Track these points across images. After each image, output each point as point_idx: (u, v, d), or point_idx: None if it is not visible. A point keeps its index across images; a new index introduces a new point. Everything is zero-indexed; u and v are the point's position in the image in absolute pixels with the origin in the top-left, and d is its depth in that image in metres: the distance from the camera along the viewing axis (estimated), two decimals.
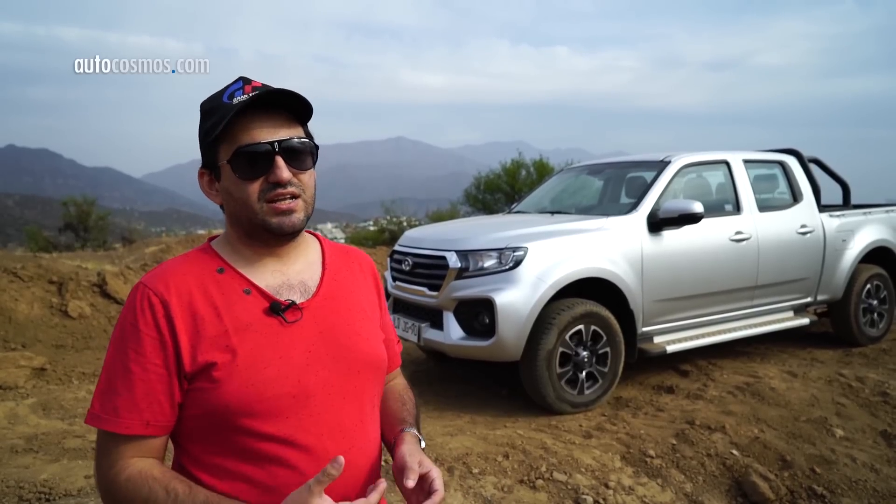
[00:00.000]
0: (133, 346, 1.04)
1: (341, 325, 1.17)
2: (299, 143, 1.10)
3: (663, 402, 4.47)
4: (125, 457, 1.03)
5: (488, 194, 22.70)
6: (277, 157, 1.07)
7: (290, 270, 1.17)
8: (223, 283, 1.11)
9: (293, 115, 1.13)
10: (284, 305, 1.11)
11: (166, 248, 10.73)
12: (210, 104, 1.12)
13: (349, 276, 1.26)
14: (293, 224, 1.10)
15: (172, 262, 1.13)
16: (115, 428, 1.02)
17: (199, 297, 1.08)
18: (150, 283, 1.08)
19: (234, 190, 1.09)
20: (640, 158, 5.50)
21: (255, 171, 1.07)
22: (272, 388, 1.06)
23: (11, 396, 4.54)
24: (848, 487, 3.36)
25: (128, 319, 1.06)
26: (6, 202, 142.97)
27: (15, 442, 3.63)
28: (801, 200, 5.48)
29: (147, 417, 1.03)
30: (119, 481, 1.01)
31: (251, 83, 1.10)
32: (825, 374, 4.91)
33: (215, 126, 1.07)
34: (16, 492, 2.98)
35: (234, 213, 1.12)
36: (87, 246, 19.88)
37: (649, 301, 4.48)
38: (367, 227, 31.32)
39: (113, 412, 1.02)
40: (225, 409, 1.04)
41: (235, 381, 1.04)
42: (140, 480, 1.01)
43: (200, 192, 1.16)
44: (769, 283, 5.13)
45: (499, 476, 3.24)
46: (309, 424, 1.08)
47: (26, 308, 6.67)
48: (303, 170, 1.12)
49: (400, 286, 4.74)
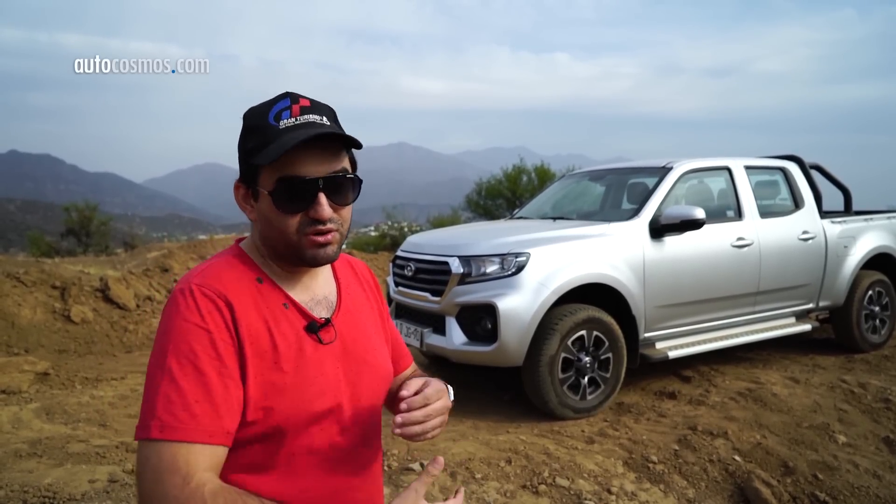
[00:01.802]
0: (203, 349, 0.96)
1: (361, 341, 1.18)
2: (344, 179, 1.07)
3: (665, 407, 4.47)
4: (200, 469, 0.92)
5: (490, 200, 22.72)
6: (321, 193, 1.04)
7: (314, 285, 1.17)
8: (266, 294, 1.08)
9: (341, 145, 1.09)
10: (320, 324, 1.11)
11: (168, 254, 10.74)
12: (255, 121, 1.06)
13: (357, 288, 1.28)
14: (327, 256, 1.08)
15: (217, 264, 1.09)
16: (198, 437, 0.92)
17: (252, 307, 1.04)
18: (206, 284, 1.02)
19: (272, 218, 1.06)
20: (641, 164, 5.52)
21: (297, 206, 1.04)
22: (317, 406, 1.06)
23: (15, 401, 4.55)
24: (850, 494, 3.36)
25: (189, 320, 0.98)
26: (8, 207, 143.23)
27: (19, 446, 3.64)
28: (802, 207, 5.49)
29: (228, 426, 0.96)
30: (203, 495, 0.88)
31: (299, 102, 1.05)
32: (827, 380, 4.91)
33: (258, 149, 1.03)
34: (20, 496, 2.98)
35: (269, 237, 1.09)
36: (89, 251, 19.91)
37: (651, 307, 4.48)
38: (369, 232, 31.33)
39: (192, 419, 0.92)
40: (277, 427, 1.02)
41: (290, 399, 1.03)
42: (230, 495, 0.90)
43: (201, 197, 1.14)
44: (771, 289, 5.14)
45: (501, 481, 3.25)
46: (340, 439, 1.10)
47: (29, 313, 6.70)
48: (344, 205, 1.09)
49: (402, 291, 4.75)
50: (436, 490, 3.11)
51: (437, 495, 3.06)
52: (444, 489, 3.13)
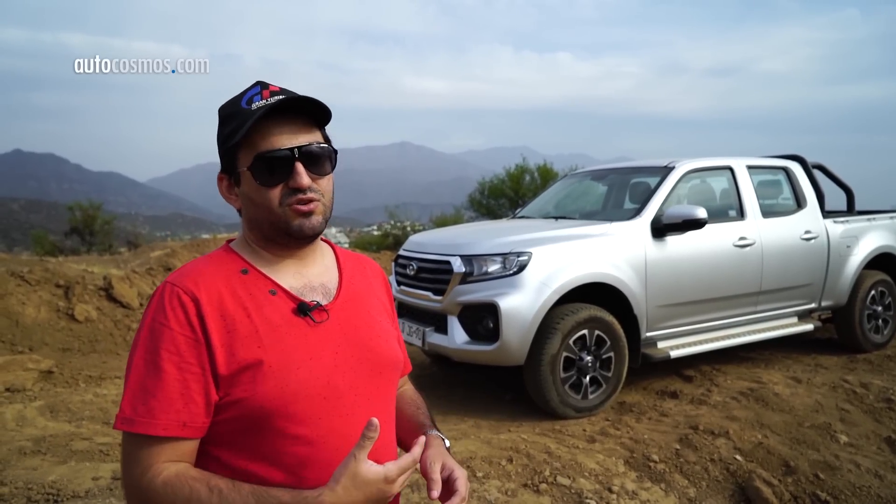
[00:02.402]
0: (165, 346, 1.01)
1: (363, 328, 1.18)
2: (318, 149, 1.11)
3: (667, 407, 4.47)
4: (159, 461, 0.99)
5: (492, 199, 22.72)
6: (297, 163, 1.08)
7: (309, 273, 1.18)
8: (249, 283, 1.10)
9: (312, 120, 1.13)
10: (311, 306, 1.11)
11: (172, 253, 10.77)
12: (228, 109, 1.12)
13: (363, 280, 1.28)
14: (313, 226, 1.10)
15: (197, 262, 1.13)
16: (151, 430, 0.98)
17: (229, 298, 1.07)
18: (178, 282, 1.06)
19: (254, 196, 1.09)
20: (643, 164, 5.52)
21: (276, 178, 1.08)
22: (305, 390, 1.06)
23: (19, 399, 4.57)
24: (851, 493, 3.36)
25: (157, 319, 1.03)
26: (12, 206, 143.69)
27: (23, 444, 3.66)
28: (804, 206, 5.49)
29: (184, 418, 1.00)
30: (155, 485, 0.97)
31: (269, 87, 1.10)
32: (829, 379, 4.91)
33: (234, 132, 1.07)
34: (24, 493, 3.00)
35: (255, 218, 1.12)
36: (92, 250, 19.97)
37: (653, 306, 4.49)
38: (372, 231, 31.35)
39: (147, 414, 0.98)
40: (259, 411, 1.03)
41: (270, 383, 1.03)
42: (178, 482, 0.97)
43: (204, 196, 1.15)
44: (773, 288, 5.13)
45: (503, 480, 3.26)
46: (339, 425, 1.09)
47: (33, 312, 6.72)
48: (322, 175, 1.12)
49: (404, 290, 4.76)
50: None
51: None
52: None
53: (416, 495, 3.02)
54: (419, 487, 3.05)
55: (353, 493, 0.96)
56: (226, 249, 1.17)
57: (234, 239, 1.21)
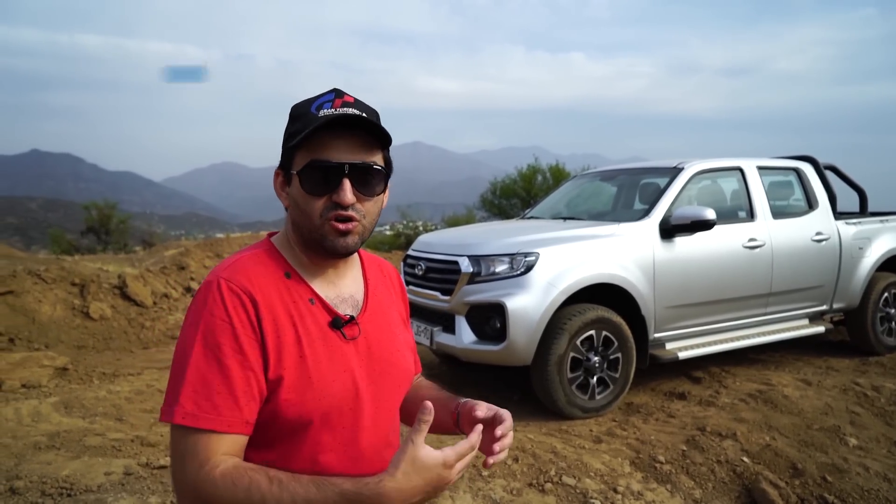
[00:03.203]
0: (227, 342, 1.02)
1: (385, 341, 1.21)
2: (371, 169, 1.10)
3: (675, 408, 4.47)
4: (217, 454, 1.00)
5: (504, 199, 22.71)
6: (345, 179, 1.08)
7: (341, 283, 1.19)
8: (292, 289, 1.12)
9: (376, 140, 1.12)
10: (345, 320, 1.14)
11: (185, 252, 10.88)
12: (298, 110, 1.12)
13: (384, 290, 1.30)
14: (346, 247, 1.11)
15: (245, 259, 1.13)
16: (217, 426, 0.99)
17: (278, 303, 1.08)
18: (233, 280, 1.06)
19: (299, 200, 1.10)
20: (653, 165, 5.51)
21: (322, 188, 1.08)
22: (337, 402, 1.09)
23: (35, 395, 4.66)
24: (859, 497, 3.34)
25: (215, 314, 1.03)
26: (30, 205, 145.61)
27: (38, 439, 3.73)
28: (816, 207, 5.45)
29: (247, 416, 1.02)
30: (214, 477, 0.97)
31: (343, 97, 1.11)
32: (840, 382, 4.87)
33: (296, 133, 1.08)
34: (38, 487, 3.07)
35: (297, 222, 1.13)
36: (108, 249, 20.22)
37: (661, 307, 4.49)
38: (384, 231, 31.42)
39: (213, 410, 0.99)
40: (295, 418, 1.06)
41: (308, 394, 1.06)
42: (237, 473, 0.97)
43: (219, 196, 1.18)
44: (783, 290, 5.11)
45: (508, 479, 3.28)
46: (358, 436, 1.13)
47: (49, 309, 6.84)
48: (369, 196, 1.12)
49: (413, 290, 4.79)
50: None
51: (444, 492, 3.10)
52: (451, 486, 3.16)
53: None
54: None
55: (413, 478, 0.95)
56: (268, 247, 1.17)
57: (277, 233, 1.22)
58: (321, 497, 0.95)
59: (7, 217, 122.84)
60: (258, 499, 0.95)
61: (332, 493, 0.95)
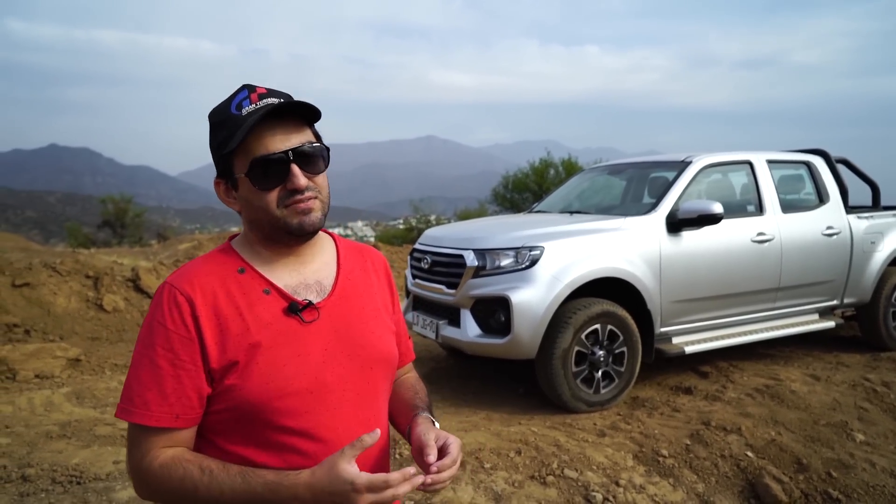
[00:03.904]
0: (161, 343, 1.08)
1: (356, 324, 1.21)
2: (311, 149, 1.14)
3: (680, 402, 4.46)
4: (156, 447, 1.08)
5: (516, 193, 22.68)
6: (293, 165, 1.11)
7: (306, 270, 1.21)
8: (244, 283, 1.14)
9: (302, 120, 1.16)
10: (302, 305, 1.15)
11: (198, 245, 11.00)
12: (218, 116, 1.14)
13: (362, 274, 1.30)
14: (313, 223, 1.14)
15: (196, 262, 1.18)
16: (147, 421, 1.06)
17: (223, 297, 1.12)
18: (176, 283, 1.12)
19: (253, 199, 1.13)
20: (661, 159, 5.48)
21: (273, 181, 1.11)
22: (291, 385, 1.10)
23: (48, 385, 4.75)
24: (865, 492, 3.32)
25: (155, 318, 1.09)
26: (48, 199, 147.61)
27: (50, 428, 3.81)
28: (827, 201, 5.39)
29: (177, 411, 1.07)
30: (153, 468, 1.06)
31: (256, 90, 1.13)
32: (850, 378, 4.83)
33: (228, 139, 1.10)
34: (49, 474, 3.14)
35: (255, 220, 1.16)
36: (123, 242, 20.46)
37: (667, 301, 4.47)
38: (397, 225, 31.50)
39: (143, 406, 1.06)
40: (248, 404, 1.09)
41: (257, 378, 1.08)
42: (173, 463, 1.05)
43: None
44: (792, 284, 5.06)
45: (510, 471, 3.30)
46: (326, 419, 1.13)
47: (64, 301, 6.95)
48: (317, 173, 1.15)
49: (419, 284, 4.82)
50: None
51: None
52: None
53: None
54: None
55: (324, 482, 1.00)
56: (225, 248, 1.21)
57: (237, 235, 1.25)
58: (246, 486, 1.02)
59: (27, 210, 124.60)
60: (191, 487, 1.04)
61: (258, 483, 1.02)
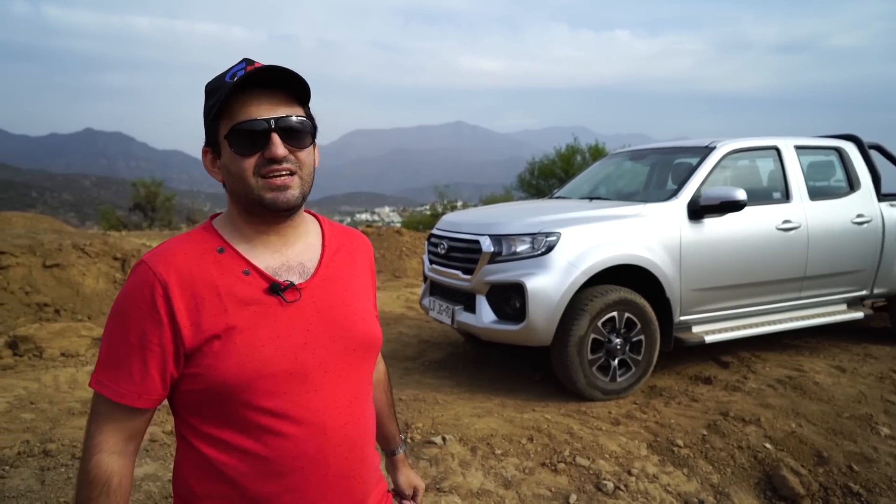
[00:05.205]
0: (131, 322, 1.07)
1: (338, 306, 1.20)
2: (297, 122, 1.12)
3: (699, 392, 4.38)
4: (113, 421, 1.09)
5: (542, 180, 22.51)
6: (273, 133, 1.09)
7: (289, 251, 1.19)
8: (223, 262, 1.12)
9: (293, 96, 1.15)
10: (283, 286, 1.13)
11: None
12: (213, 84, 1.14)
13: (347, 257, 1.28)
14: (287, 200, 1.11)
15: (174, 240, 1.15)
16: (112, 395, 1.07)
17: (199, 277, 1.10)
18: (150, 263, 1.10)
19: (231, 165, 1.11)
20: (685, 144, 5.35)
21: (252, 148, 1.09)
22: (270, 366, 1.09)
23: (73, 363, 4.88)
24: (887, 487, 3.24)
25: (128, 296, 1.09)
26: (84, 183, 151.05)
27: (72, 405, 3.91)
28: (858, 189, 5.22)
29: (140, 391, 1.08)
30: (95, 456, 1.07)
31: (254, 64, 1.11)
32: (877, 370, 4.70)
33: (215, 104, 1.10)
34: (69, 450, 3.22)
35: (233, 190, 1.14)
36: (154, 225, 20.86)
37: (687, 290, 4.38)
38: (424, 211, 31.53)
39: (113, 380, 1.07)
40: (224, 385, 1.07)
41: (234, 359, 1.07)
42: (98, 483, 1.06)
43: None
44: (819, 274, 4.93)
45: (521, 458, 3.28)
46: (306, 400, 1.12)
47: (93, 282, 7.11)
48: (300, 148, 1.13)
49: (436, 269, 4.80)
50: (455, 464, 3.17)
51: (455, 468, 3.13)
52: (463, 463, 3.19)
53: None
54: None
55: None
56: (206, 226, 1.19)
57: (220, 214, 1.23)
58: None
59: (63, 193, 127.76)
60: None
61: None
